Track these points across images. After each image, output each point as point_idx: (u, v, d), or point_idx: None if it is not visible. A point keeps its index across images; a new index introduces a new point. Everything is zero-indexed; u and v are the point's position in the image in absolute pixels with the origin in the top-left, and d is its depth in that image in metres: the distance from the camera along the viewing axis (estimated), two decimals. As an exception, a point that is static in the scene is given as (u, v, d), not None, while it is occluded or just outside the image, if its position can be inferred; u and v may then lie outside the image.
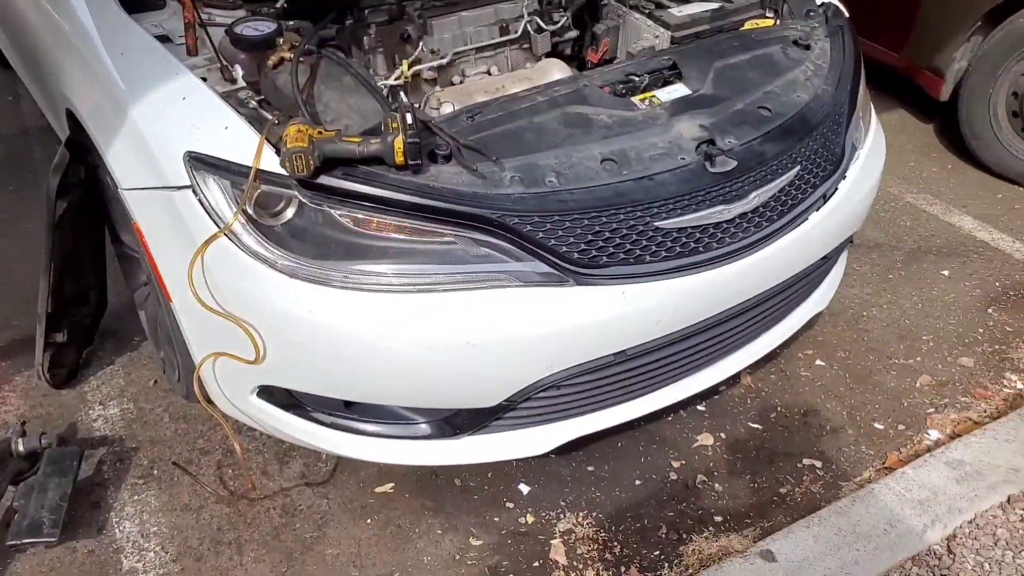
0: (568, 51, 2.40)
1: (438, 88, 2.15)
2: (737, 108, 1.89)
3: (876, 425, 2.33)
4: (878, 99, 4.21)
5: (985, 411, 2.36)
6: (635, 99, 1.87)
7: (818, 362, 2.56)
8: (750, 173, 1.78)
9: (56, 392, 2.42)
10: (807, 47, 2.15)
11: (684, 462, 2.21)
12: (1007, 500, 1.95)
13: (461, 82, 2.20)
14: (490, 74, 2.24)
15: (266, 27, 1.85)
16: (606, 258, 1.66)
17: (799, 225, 1.90)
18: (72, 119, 2.11)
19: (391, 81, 2.00)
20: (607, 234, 1.65)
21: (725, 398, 2.42)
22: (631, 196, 1.67)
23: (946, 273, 2.98)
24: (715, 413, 2.37)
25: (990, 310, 2.78)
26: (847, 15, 2.36)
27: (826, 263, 2.14)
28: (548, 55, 2.31)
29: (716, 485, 2.15)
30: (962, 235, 3.21)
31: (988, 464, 2.01)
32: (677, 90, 1.91)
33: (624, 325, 1.70)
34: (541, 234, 1.61)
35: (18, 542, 1.86)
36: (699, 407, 2.39)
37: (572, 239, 1.63)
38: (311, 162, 1.53)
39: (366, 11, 2.12)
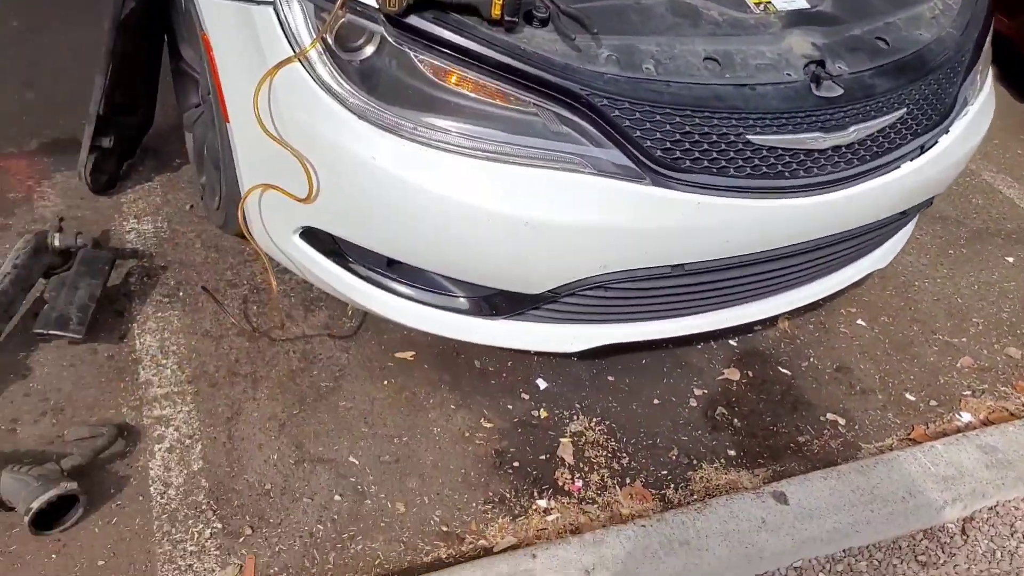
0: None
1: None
2: (854, 33, 1.75)
3: (908, 396, 2.27)
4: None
5: (1023, 406, 2.29)
6: (749, 1, 1.73)
7: (859, 321, 2.49)
8: (854, 105, 1.66)
9: (94, 197, 2.39)
10: (939, -15, 1.99)
11: (706, 391, 2.17)
12: (1032, 494, 1.91)
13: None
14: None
15: None
16: (689, 162, 1.57)
17: (890, 172, 1.79)
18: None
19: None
20: (696, 137, 1.56)
21: (759, 338, 2.36)
22: (729, 102, 1.56)
23: (1011, 260, 2.86)
24: (746, 350, 2.31)
25: (1049, 306, 2.68)
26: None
27: (902, 219, 2.04)
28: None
29: (735, 420, 2.11)
30: (1034, 225, 3.08)
31: (1022, 456, 1.95)
32: (795, 1, 1.77)
33: (691, 238, 1.63)
34: (628, 122, 1.52)
35: (45, 331, 1.86)
36: (731, 341, 2.33)
37: (659, 135, 1.54)
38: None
39: None
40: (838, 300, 2.54)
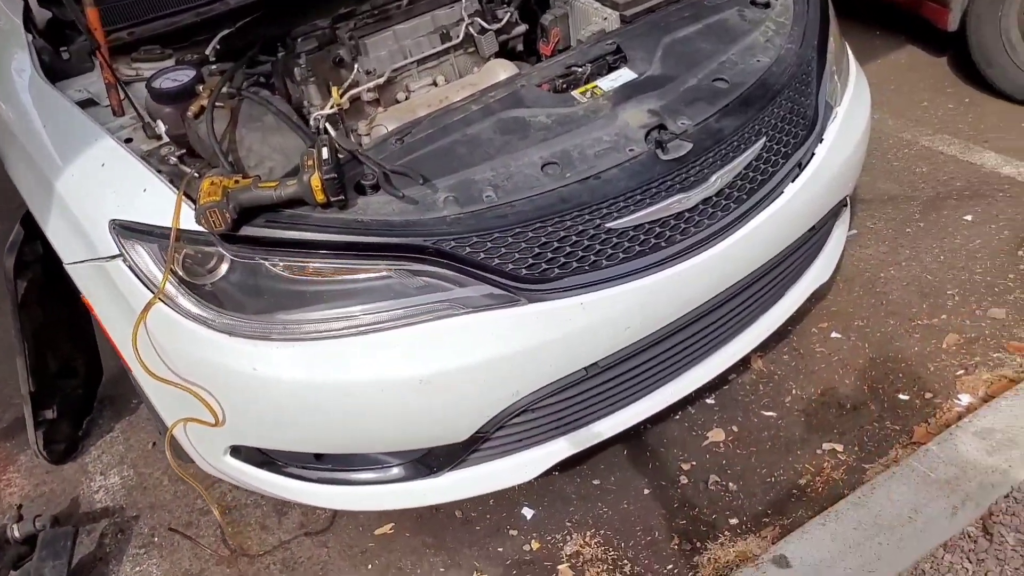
0: (520, 47, 2.28)
1: (381, 108, 2.06)
2: (689, 85, 1.75)
3: (900, 396, 2.16)
4: (883, 38, 4.00)
5: (1021, 366, 2.17)
6: (575, 93, 1.75)
7: (834, 334, 2.40)
8: (708, 154, 1.64)
9: (58, 468, 2.40)
10: (766, 5, 2.00)
11: (694, 463, 2.09)
12: (1046, 466, 1.77)
13: (406, 98, 2.10)
14: (436, 85, 2.13)
15: (185, 76, 1.78)
16: (558, 270, 1.54)
17: (774, 200, 1.75)
18: (25, 195, 2.08)
19: (326, 111, 1.91)
20: (555, 244, 1.54)
21: (735, 387, 2.28)
22: (577, 199, 1.55)
23: (969, 218, 2.77)
24: (725, 405, 2.23)
25: (1021, 252, 2.58)
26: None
27: (816, 234, 1.98)
28: (498, 55, 2.19)
29: (730, 484, 2.01)
30: (984, 173, 2.99)
31: (1022, 428, 1.83)
32: (622, 76, 1.78)
33: (589, 338, 1.59)
34: (483, 254, 1.51)
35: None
36: (708, 400, 2.25)
37: (518, 255, 1.52)
38: (227, 215, 1.46)
39: (298, 40, 2.04)
40: (807, 319, 2.46)
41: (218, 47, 2.06)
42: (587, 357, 1.61)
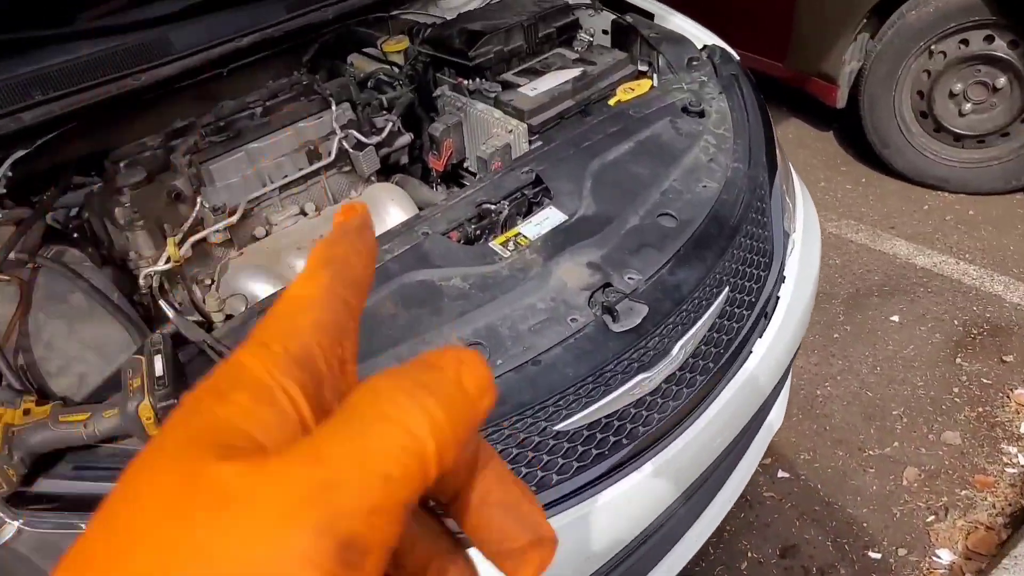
0: (404, 160, 1.88)
1: (235, 252, 1.60)
2: (632, 225, 1.41)
3: (871, 555, 1.88)
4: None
5: (994, 507, 1.94)
6: (494, 243, 1.36)
7: (781, 474, 2.10)
8: (667, 318, 1.29)
9: None
10: (701, 114, 1.70)
11: (652, 666, 1.71)
12: (1068, 658, 1.50)
13: (267, 234, 1.65)
14: (305, 214, 1.70)
15: (-52, 234, 1.27)
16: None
17: (744, 362, 1.42)
18: None
19: (160, 266, 1.44)
20: (489, 461, 1.13)
21: (684, 551, 1.93)
22: (513, 398, 1.16)
23: (896, 319, 2.58)
24: (677, 580, 1.87)
25: (958, 359, 2.39)
26: (736, 57, 1.93)
27: (780, 388, 1.68)
28: (380, 174, 1.79)
29: None
30: (899, 265, 2.84)
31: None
32: (548, 217, 1.41)
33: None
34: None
35: None
36: (655, 572, 1.89)
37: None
38: (10, 472, 0.97)
39: (120, 166, 1.55)
40: (748, 452, 2.16)
41: (9, 174, 1.55)
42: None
